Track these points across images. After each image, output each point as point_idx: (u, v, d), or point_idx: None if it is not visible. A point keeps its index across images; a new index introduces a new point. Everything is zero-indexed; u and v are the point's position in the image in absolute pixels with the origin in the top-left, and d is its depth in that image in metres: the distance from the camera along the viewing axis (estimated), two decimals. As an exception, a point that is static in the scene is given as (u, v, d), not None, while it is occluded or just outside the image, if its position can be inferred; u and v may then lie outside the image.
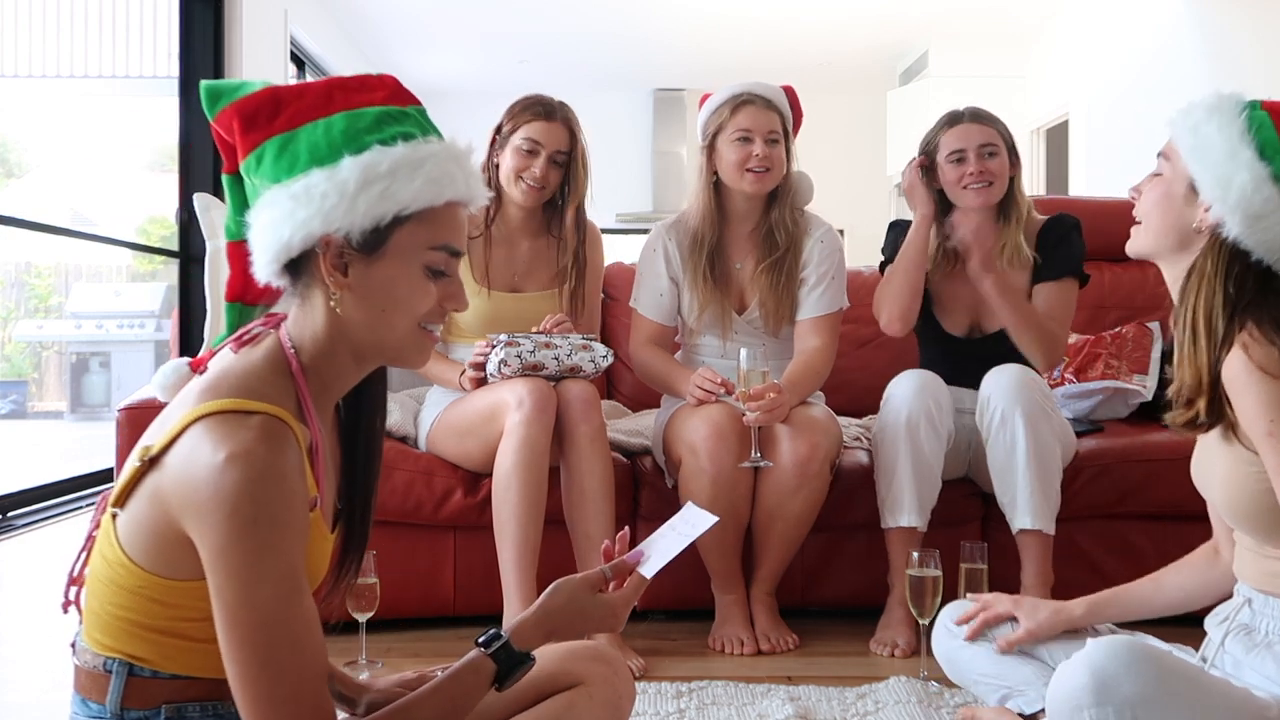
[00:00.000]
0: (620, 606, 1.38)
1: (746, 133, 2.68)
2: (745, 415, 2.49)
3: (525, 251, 2.84)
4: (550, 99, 2.79)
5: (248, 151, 1.26)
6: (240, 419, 1.14)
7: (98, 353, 10.18)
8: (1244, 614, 1.66)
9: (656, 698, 2.22)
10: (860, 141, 9.57)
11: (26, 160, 11.92)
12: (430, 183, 1.24)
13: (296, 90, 1.27)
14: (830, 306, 2.77)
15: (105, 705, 1.20)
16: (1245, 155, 1.51)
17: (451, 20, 8.14)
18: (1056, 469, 2.54)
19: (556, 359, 2.60)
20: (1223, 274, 1.53)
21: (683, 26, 8.30)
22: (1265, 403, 1.49)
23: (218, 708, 1.22)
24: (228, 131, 1.27)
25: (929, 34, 8.42)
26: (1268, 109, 1.55)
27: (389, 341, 1.28)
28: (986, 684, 1.94)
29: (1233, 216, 1.51)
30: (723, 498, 2.54)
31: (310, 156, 1.23)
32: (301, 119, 1.25)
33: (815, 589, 2.83)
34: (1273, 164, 1.50)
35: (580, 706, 1.38)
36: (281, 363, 1.25)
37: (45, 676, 2.47)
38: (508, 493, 2.47)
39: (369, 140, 1.23)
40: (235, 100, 1.26)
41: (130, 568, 1.18)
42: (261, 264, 1.26)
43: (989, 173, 2.70)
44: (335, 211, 1.21)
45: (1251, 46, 5.44)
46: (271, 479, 1.12)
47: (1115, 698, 1.46)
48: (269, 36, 6.41)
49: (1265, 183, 1.50)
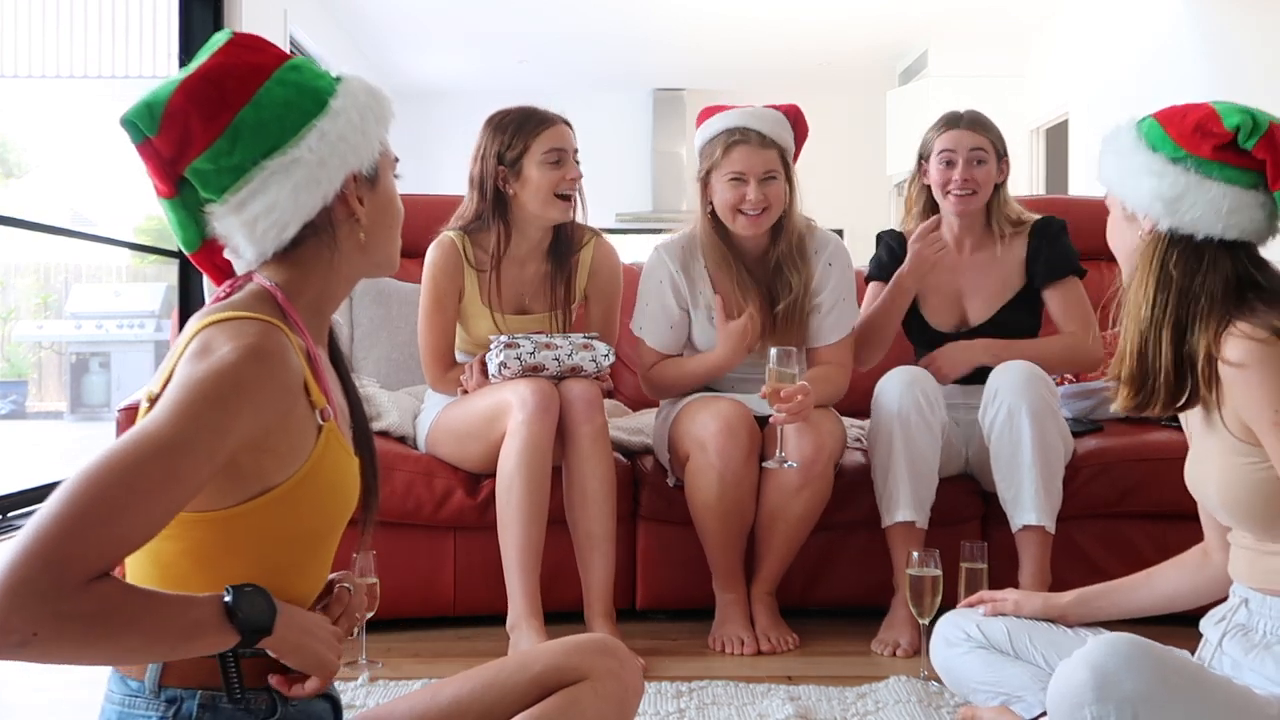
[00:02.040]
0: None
1: (739, 174, 2.58)
2: (774, 414, 2.44)
3: (533, 274, 2.76)
4: (530, 106, 2.68)
5: (212, 137, 1.23)
6: (241, 323, 1.19)
7: (97, 353, 10.18)
8: (1240, 614, 1.66)
9: (656, 698, 2.22)
10: (860, 141, 9.56)
11: (26, 160, 11.92)
12: (383, 97, 1.34)
13: (215, 68, 1.25)
14: (845, 330, 2.74)
15: (144, 682, 1.20)
16: (1141, 158, 1.64)
17: (451, 20, 8.14)
18: (1060, 466, 2.54)
19: (557, 359, 2.59)
20: (1157, 265, 1.62)
21: (683, 26, 8.30)
22: (1272, 391, 1.50)
23: (249, 701, 1.21)
24: (178, 128, 1.23)
25: (928, 34, 8.42)
26: (1156, 117, 1.66)
27: (393, 252, 1.39)
28: (985, 691, 1.94)
29: (1155, 209, 1.61)
30: (729, 495, 2.54)
31: (298, 113, 1.26)
32: (248, 89, 1.25)
33: (816, 589, 2.83)
34: (1163, 150, 1.62)
35: (586, 701, 1.36)
36: (266, 296, 1.28)
37: (52, 675, 2.46)
38: (511, 493, 2.47)
39: (324, 84, 1.30)
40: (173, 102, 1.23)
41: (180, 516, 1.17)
42: (283, 233, 1.26)
43: (973, 181, 2.71)
44: (361, 148, 1.29)
45: (1251, 46, 5.44)
46: (262, 365, 1.16)
47: (1116, 695, 1.46)
48: (269, 36, 6.38)
49: (1166, 168, 1.61)
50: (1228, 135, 1.57)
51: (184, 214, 1.29)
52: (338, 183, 1.28)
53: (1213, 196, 1.57)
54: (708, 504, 2.57)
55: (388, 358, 3.08)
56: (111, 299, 10.36)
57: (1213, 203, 1.57)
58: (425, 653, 2.58)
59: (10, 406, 10.31)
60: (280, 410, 1.19)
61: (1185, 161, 1.59)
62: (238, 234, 1.27)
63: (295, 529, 1.25)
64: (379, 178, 1.34)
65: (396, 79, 9.32)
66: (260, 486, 1.21)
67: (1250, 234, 1.60)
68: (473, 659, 2.43)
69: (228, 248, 1.31)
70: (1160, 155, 1.61)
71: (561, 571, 2.60)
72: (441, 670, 2.38)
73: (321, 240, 1.30)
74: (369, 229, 1.33)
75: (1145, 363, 1.63)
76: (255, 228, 1.26)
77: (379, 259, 1.37)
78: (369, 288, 3.14)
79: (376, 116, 1.32)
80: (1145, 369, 1.63)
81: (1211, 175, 1.58)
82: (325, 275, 1.32)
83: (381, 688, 2.29)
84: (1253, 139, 1.56)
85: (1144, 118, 1.68)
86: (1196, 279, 1.59)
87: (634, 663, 1.45)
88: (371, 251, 1.35)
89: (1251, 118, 1.56)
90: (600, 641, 1.45)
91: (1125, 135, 1.68)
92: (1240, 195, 1.57)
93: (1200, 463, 1.67)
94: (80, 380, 10.24)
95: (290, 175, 1.25)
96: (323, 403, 1.27)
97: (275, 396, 1.18)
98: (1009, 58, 8.27)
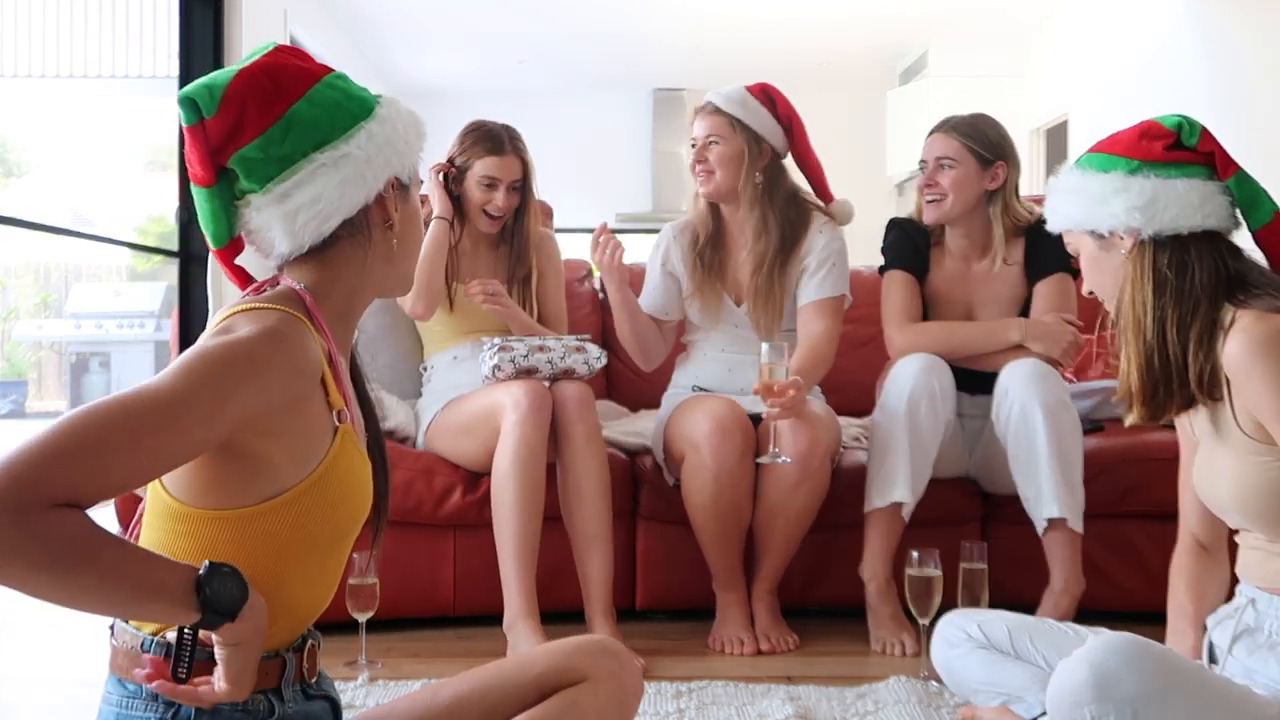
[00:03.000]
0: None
1: (693, 140, 2.76)
2: (767, 410, 2.45)
3: (488, 261, 2.93)
4: (497, 129, 2.86)
5: (265, 125, 1.25)
6: (266, 311, 1.22)
7: (97, 353, 10.17)
8: (1249, 615, 1.65)
9: (656, 698, 2.22)
10: (860, 141, 9.55)
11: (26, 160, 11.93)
12: (420, 119, 1.39)
13: (270, 65, 1.28)
14: (832, 290, 2.74)
15: (141, 684, 1.20)
16: (1098, 184, 1.69)
17: (451, 20, 8.14)
18: (1078, 460, 2.51)
19: (550, 362, 2.63)
20: (1149, 269, 1.64)
21: (683, 26, 8.29)
22: (1275, 382, 1.51)
23: (247, 701, 1.21)
24: (233, 122, 1.25)
25: (928, 34, 8.42)
26: (1091, 150, 1.72)
27: (411, 269, 1.41)
28: (985, 692, 1.94)
29: (1134, 219, 1.63)
30: (725, 494, 2.54)
31: (347, 114, 1.29)
32: (301, 86, 1.28)
33: (815, 589, 2.83)
34: (1118, 168, 1.66)
35: (585, 703, 1.36)
36: (294, 296, 1.29)
37: (52, 675, 2.47)
38: (505, 493, 2.48)
39: (368, 95, 1.34)
40: (232, 86, 1.25)
41: (195, 514, 1.20)
42: (323, 225, 1.28)
43: (939, 187, 2.69)
44: (404, 155, 1.33)
45: (1251, 46, 5.43)
46: (277, 345, 1.17)
47: (1116, 694, 1.46)
48: (269, 36, 6.38)
49: (1128, 181, 1.65)
50: (1172, 134, 1.64)
51: (217, 205, 1.30)
52: (380, 183, 1.31)
53: (1181, 192, 1.62)
54: (703, 504, 2.57)
55: (392, 365, 3.09)
56: (111, 299, 10.34)
57: (1183, 198, 1.62)
58: (425, 652, 2.58)
59: (10, 406, 10.30)
60: (290, 394, 1.19)
61: (1143, 170, 1.64)
62: (276, 226, 1.27)
63: (309, 533, 1.25)
64: (410, 192, 1.38)
65: (396, 79, 9.32)
66: (275, 488, 1.21)
67: (1222, 222, 1.64)
68: (472, 659, 2.43)
69: (258, 245, 1.31)
70: (1117, 174, 1.66)
71: (561, 571, 2.61)
72: (441, 670, 2.38)
73: (356, 241, 1.32)
74: (400, 236, 1.35)
75: (1155, 371, 1.64)
76: (296, 219, 1.27)
77: (402, 271, 1.39)
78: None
79: (416, 132, 1.37)
80: (1155, 377, 1.64)
81: (1171, 175, 1.63)
82: (353, 280, 1.34)
83: (381, 688, 2.29)
84: (1194, 136, 1.64)
85: (1079, 158, 1.73)
86: (1188, 275, 1.62)
87: (634, 665, 1.45)
88: (397, 262, 1.37)
89: (1185, 119, 1.64)
90: (600, 643, 1.45)
91: (1069, 177, 1.73)
92: (1203, 187, 1.63)
93: (1210, 465, 1.67)
94: (80, 380, 10.23)
95: (339, 169, 1.27)
96: (340, 404, 1.27)
97: (285, 378, 1.18)
98: (1009, 58, 8.27)
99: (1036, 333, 2.62)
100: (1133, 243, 1.65)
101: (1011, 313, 2.74)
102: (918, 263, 2.77)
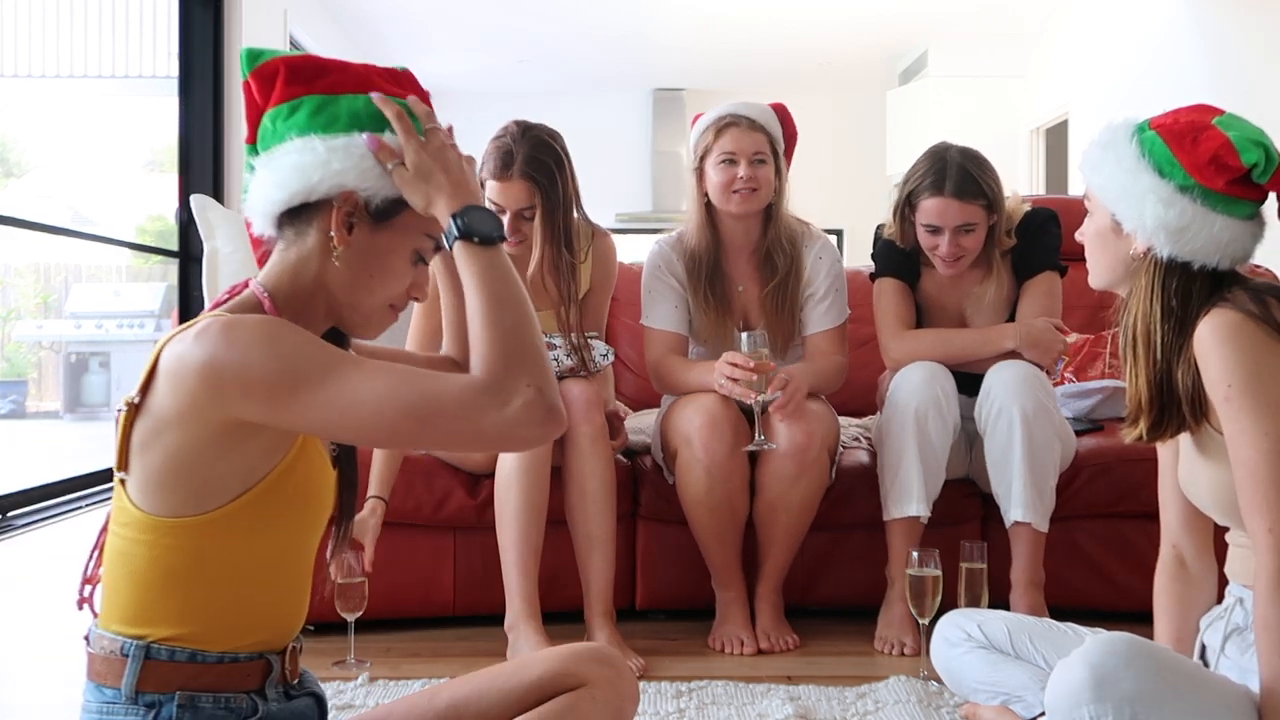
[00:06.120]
0: None
1: (731, 155, 2.66)
2: (755, 396, 2.45)
3: (534, 271, 2.69)
4: (508, 145, 2.56)
5: (281, 100, 1.32)
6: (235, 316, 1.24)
7: (97, 353, 10.17)
8: (1237, 614, 1.65)
9: (656, 698, 2.22)
10: (860, 141, 9.55)
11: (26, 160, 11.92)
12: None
13: (339, 63, 1.35)
14: (838, 319, 2.76)
15: (120, 689, 1.21)
16: (1147, 179, 1.60)
17: (451, 20, 8.14)
18: (1052, 467, 2.54)
19: (555, 359, 2.60)
20: (1159, 289, 1.61)
21: (683, 26, 8.30)
22: (1226, 367, 1.52)
23: (229, 701, 1.22)
24: (267, 81, 1.32)
25: (928, 34, 8.42)
26: (1156, 127, 1.63)
27: (361, 306, 1.35)
28: (985, 691, 1.94)
29: (1158, 238, 1.59)
30: (718, 488, 2.55)
31: (350, 120, 1.30)
32: (342, 88, 1.32)
33: (815, 588, 2.83)
34: (1173, 178, 1.59)
35: (582, 709, 1.37)
36: (256, 304, 1.31)
37: (51, 674, 2.47)
38: (509, 494, 2.47)
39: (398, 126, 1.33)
40: (281, 55, 1.34)
41: (152, 522, 1.21)
42: (271, 201, 1.31)
43: (959, 249, 2.62)
44: (370, 174, 1.29)
45: (1251, 46, 5.44)
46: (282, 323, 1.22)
47: (1114, 694, 1.46)
48: (269, 36, 6.40)
49: (1174, 198, 1.58)
50: (1243, 170, 1.56)
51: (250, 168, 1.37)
52: (333, 187, 1.29)
53: (1216, 230, 1.57)
54: (697, 497, 2.57)
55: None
56: (111, 299, 10.35)
57: (1215, 236, 1.57)
58: (425, 653, 2.58)
59: (10, 406, 10.30)
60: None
61: (1193, 191, 1.58)
62: (255, 191, 1.33)
63: (265, 540, 1.26)
64: (388, 227, 1.33)
65: (396, 79, 9.32)
66: (231, 493, 1.22)
67: (1236, 260, 1.61)
68: (472, 659, 2.44)
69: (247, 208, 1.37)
70: (1169, 183, 1.58)
71: (561, 572, 2.61)
72: (441, 670, 2.38)
73: (305, 241, 1.32)
74: (345, 258, 1.31)
75: (1163, 393, 1.63)
76: (265, 185, 1.31)
77: (351, 301, 1.33)
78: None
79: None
80: (1163, 399, 1.63)
81: (1216, 208, 1.57)
82: (309, 285, 1.33)
83: (381, 688, 2.29)
84: (1267, 174, 1.56)
85: (1143, 126, 1.65)
86: (1190, 305, 1.60)
87: (630, 673, 1.47)
88: (340, 291, 1.33)
89: (1264, 151, 1.56)
90: (598, 650, 1.47)
91: (1124, 146, 1.63)
92: (1238, 227, 1.59)
93: (1191, 463, 1.67)
94: (80, 380, 10.23)
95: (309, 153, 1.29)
96: None
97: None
98: (1009, 58, 8.27)
99: (1031, 340, 2.63)
100: (1145, 250, 1.63)
101: (1003, 313, 2.74)
102: (908, 269, 2.77)
